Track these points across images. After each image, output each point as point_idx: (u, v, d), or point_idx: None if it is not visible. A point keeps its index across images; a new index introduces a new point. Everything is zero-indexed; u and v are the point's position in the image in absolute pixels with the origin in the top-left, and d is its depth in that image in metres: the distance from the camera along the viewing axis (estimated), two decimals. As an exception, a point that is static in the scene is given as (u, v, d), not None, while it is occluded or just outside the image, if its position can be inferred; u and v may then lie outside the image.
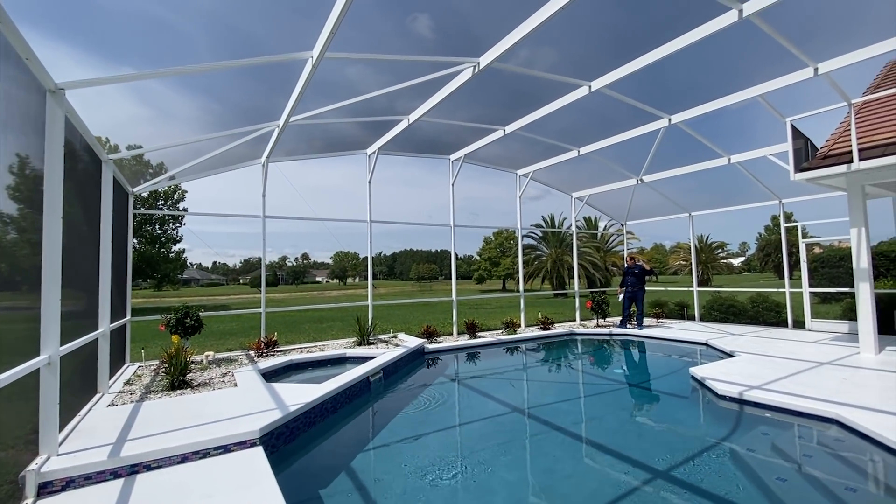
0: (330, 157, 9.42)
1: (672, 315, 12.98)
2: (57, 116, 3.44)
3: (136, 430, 3.91)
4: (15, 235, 3.23)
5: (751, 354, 7.22)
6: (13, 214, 3.19)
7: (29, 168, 3.24)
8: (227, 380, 5.85)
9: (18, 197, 3.21)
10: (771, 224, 74.28)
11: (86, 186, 4.86)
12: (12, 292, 3.26)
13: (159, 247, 33.11)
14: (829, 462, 3.92)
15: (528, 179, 11.54)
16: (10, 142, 2.95)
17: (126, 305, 7.23)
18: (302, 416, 4.60)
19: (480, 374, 7.65)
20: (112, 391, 5.39)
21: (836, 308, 11.60)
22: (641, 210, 13.38)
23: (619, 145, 9.15)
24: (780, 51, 5.73)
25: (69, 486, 3.15)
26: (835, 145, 7.36)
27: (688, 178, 10.77)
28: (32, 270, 3.32)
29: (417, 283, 77.56)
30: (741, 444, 4.29)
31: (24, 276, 3.29)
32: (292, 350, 8.29)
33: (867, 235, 7.12)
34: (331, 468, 4.03)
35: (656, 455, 4.04)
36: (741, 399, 5.14)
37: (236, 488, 3.07)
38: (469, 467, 3.93)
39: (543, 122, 7.99)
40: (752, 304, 11.42)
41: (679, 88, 7.50)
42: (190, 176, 8.46)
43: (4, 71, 2.80)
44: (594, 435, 4.74)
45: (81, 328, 4.54)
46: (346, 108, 6.68)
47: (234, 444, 3.74)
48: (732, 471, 3.73)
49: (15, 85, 2.97)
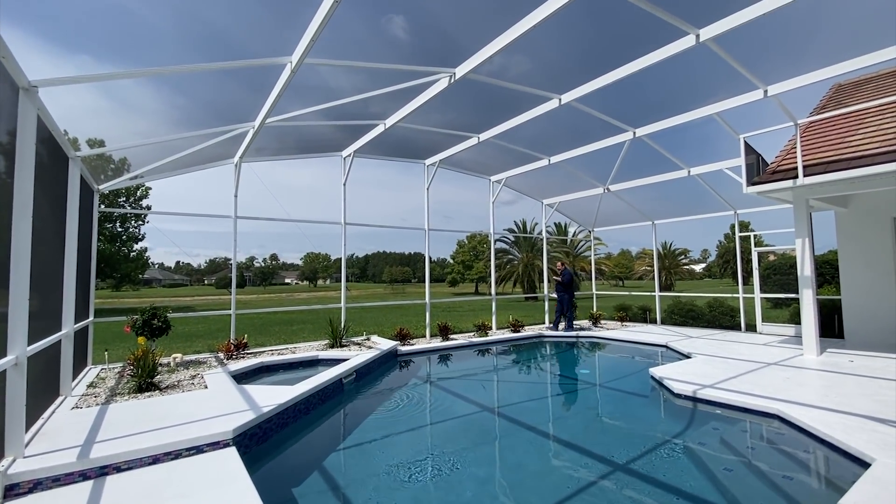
0: (304, 158, 9.41)
1: (636, 318, 13.53)
2: (29, 114, 3.40)
3: (105, 433, 3.87)
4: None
5: (706, 356, 7.68)
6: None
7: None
8: (197, 382, 5.79)
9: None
10: (730, 232, 78.03)
11: (51, 184, 4.74)
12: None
13: (120, 245, 31.75)
14: (770, 453, 4.29)
15: (500, 186, 11.82)
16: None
17: (89, 306, 7.01)
18: (275, 416, 4.63)
19: (452, 376, 7.82)
20: (75, 394, 5.25)
21: (786, 313, 12.41)
22: (609, 217, 13.93)
23: (587, 155, 9.54)
24: (734, 73, 6.17)
25: (37, 487, 3.11)
26: (783, 161, 7.95)
27: (651, 188, 11.33)
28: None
29: (390, 286, 77.13)
30: (693, 438, 4.61)
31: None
32: (263, 353, 8.22)
33: (811, 245, 7.70)
34: (304, 468, 4.09)
35: (617, 450, 4.30)
36: (695, 397, 5.50)
37: (211, 486, 3.11)
38: (440, 465, 4.08)
39: (516, 130, 8.27)
40: (709, 308, 12.07)
41: (643, 104, 7.92)
42: (158, 174, 8.28)
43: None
44: (560, 432, 4.98)
45: (45, 329, 4.43)
46: (323, 110, 6.73)
47: (206, 445, 3.75)
48: (685, 463, 4.02)
49: (-13, 82, 2.93)
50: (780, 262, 16.96)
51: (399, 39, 5.76)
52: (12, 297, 3.27)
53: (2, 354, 3.20)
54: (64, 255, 5.19)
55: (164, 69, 4.41)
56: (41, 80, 3.42)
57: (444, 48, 5.81)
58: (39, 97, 3.59)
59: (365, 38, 5.60)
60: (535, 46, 5.95)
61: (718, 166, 9.32)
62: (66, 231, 5.23)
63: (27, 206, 3.35)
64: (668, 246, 49.07)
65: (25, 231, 3.34)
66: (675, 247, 50.10)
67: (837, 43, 5.82)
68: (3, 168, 3.29)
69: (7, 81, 3.17)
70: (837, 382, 5.80)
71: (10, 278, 3.27)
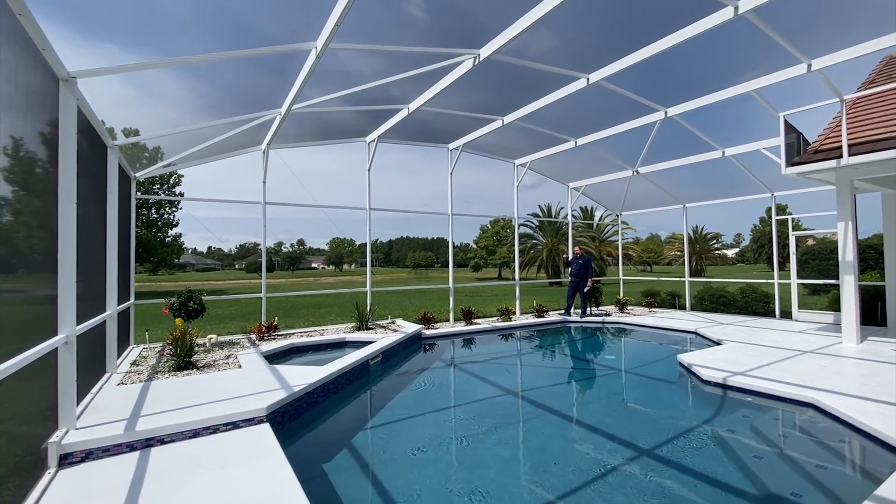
0: (329, 144, 9.50)
1: (664, 304, 13.26)
2: (70, 104, 3.55)
3: (148, 408, 4.10)
4: (10, 218, 3.34)
5: (737, 343, 7.48)
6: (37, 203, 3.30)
7: (23, 150, 3.33)
8: (231, 362, 6.04)
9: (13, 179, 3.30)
10: (766, 216, 74.79)
11: (92, 172, 4.96)
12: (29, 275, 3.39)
13: (156, 231, 33.06)
14: (803, 442, 4.18)
15: (525, 169, 11.66)
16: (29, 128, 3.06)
17: (130, 289, 7.36)
18: (305, 395, 4.80)
19: (476, 360, 7.89)
20: (120, 371, 5.56)
21: (824, 299, 11.91)
22: (637, 201, 13.57)
23: (615, 136, 9.28)
24: (774, 47, 5.85)
25: (88, 457, 3.34)
26: (826, 140, 7.52)
27: (683, 170, 10.95)
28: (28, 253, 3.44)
29: (414, 271, 77.81)
30: (722, 425, 4.54)
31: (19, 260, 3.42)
32: (293, 334, 8.48)
33: (854, 229, 7.32)
34: (333, 445, 4.23)
35: (642, 435, 4.28)
36: (724, 384, 5.38)
37: (247, 460, 3.27)
38: (464, 445, 4.15)
39: (541, 112, 8.09)
40: (741, 294, 11.70)
41: (675, 82, 7.61)
42: (191, 162, 8.53)
43: (23, 62, 2.90)
44: (584, 416, 4.99)
45: (91, 310, 4.69)
46: (346, 96, 6.75)
47: (242, 421, 3.93)
48: (713, 449, 3.97)
49: (32, 74, 3.06)
50: (819, 247, 16.22)
51: (418, 20, 5.67)
52: (61, 279, 3.47)
53: (53, 333, 3.41)
54: (106, 241, 5.45)
55: (191, 58, 4.51)
56: (80, 70, 3.55)
57: (466, 28, 5.70)
58: (78, 88, 3.73)
59: (384, 20, 5.52)
60: (561, 22, 5.73)
61: (755, 146, 8.91)
62: (108, 217, 5.48)
63: (71, 194, 3.52)
64: (699, 230, 47.48)
65: (70, 217, 3.52)
66: (707, 231, 48.40)
67: (889, 12, 5.41)
68: (46, 157, 3.45)
69: (48, 72, 3.30)
70: (877, 371, 5.56)
71: (59, 262, 3.46)
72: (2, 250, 2.83)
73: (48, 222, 3.40)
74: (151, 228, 32.88)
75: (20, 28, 2.83)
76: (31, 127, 3.08)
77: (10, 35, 2.73)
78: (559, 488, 3.33)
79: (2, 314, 3.09)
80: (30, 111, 3.03)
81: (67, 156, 3.51)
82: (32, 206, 3.24)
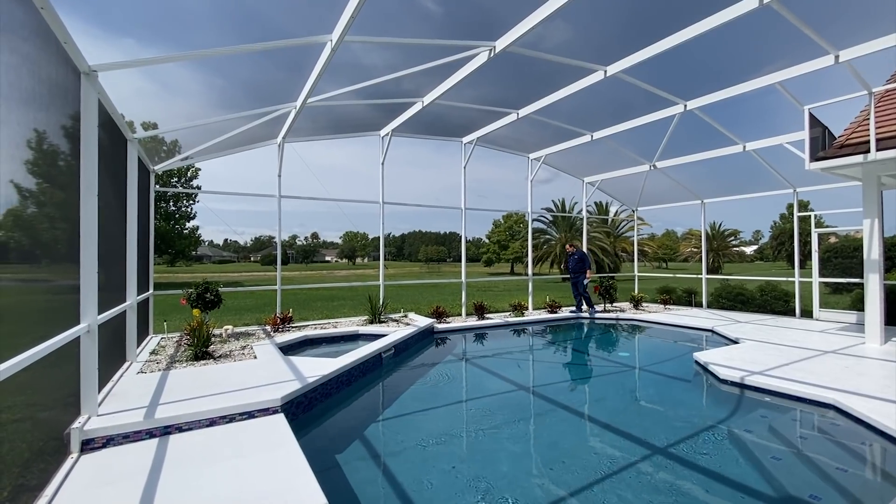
0: (343, 138, 9.53)
1: (680, 301, 13.06)
2: (91, 98, 3.61)
3: (167, 396, 4.19)
4: (35, 209, 3.41)
5: (755, 342, 7.33)
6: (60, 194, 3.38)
7: (46, 143, 3.40)
8: (247, 352, 6.13)
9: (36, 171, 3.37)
10: (786, 212, 72.98)
11: (113, 165, 5.05)
12: (53, 265, 3.48)
13: (174, 223, 33.71)
14: (823, 444, 4.08)
15: (539, 163, 11.55)
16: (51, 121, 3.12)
17: (149, 279, 7.52)
18: (319, 387, 4.85)
19: (488, 354, 7.89)
20: (140, 360, 5.70)
21: (847, 299, 11.60)
22: (654, 196, 13.35)
23: (632, 130, 9.12)
24: (800, 37, 5.67)
25: (109, 443, 3.43)
26: (852, 134, 7.28)
27: (700, 165, 10.72)
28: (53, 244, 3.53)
29: (425, 265, 78.00)
30: (739, 425, 4.46)
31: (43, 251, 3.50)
32: (307, 326, 8.58)
33: (881, 226, 7.09)
34: (346, 436, 4.28)
35: (656, 433, 4.23)
36: (742, 383, 5.29)
37: (262, 449, 3.32)
38: (476, 439, 4.16)
39: (557, 105, 7.99)
40: (760, 292, 11.46)
41: (695, 74, 7.44)
42: (207, 155, 8.65)
43: (45, 55, 2.95)
44: (598, 413, 4.95)
45: (112, 301, 4.80)
46: (361, 89, 6.75)
47: (257, 411, 3.99)
48: (730, 450, 3.91)
49: (54, 68, 3.12)
50: (841, 245, 15.80)
51: (433, 13, 5.62)
52: (83, 270, 3.55)
53: (75, 322, 3.49)
54: (126, 232, 5.56)
55: (208, 52, 4.55)
56: (101, 64, 3.60)
57: (480, 20, 5.63)
58: (99, 81, 3.79)
59: (399, 12, 5.49)
60: (578, 13, 5.62)
61: (777, 140, 8.66)
62: (128, 209, 5.59)
63: (92, 186, 3.59)
64: (716, 226, 46.61)
65: (92, 209, 3.59)
66: (725, 227, 47.46)
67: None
68: (68, 150, 3.52)
69: (70, 66, 3.36)
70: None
71: (80, 253, 3.54)
72: (27, 240, 2.91)
73: (71, 213, 3.48)
74: (170, 221, 33.54)
75: (42, 21, 2.88)
76: (54, 120, 3.15)
77: (33, 28, 2.79)
78: (571, 485, 3.31)
79: (28, 303, 3.18)
80: (52, 104, 3.09)
81: (89, 149, 3.58)
82: (55, 197, 3.32)
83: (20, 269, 2.97)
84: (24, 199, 2.82)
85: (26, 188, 2.84)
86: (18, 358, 2.40)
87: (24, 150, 2.73)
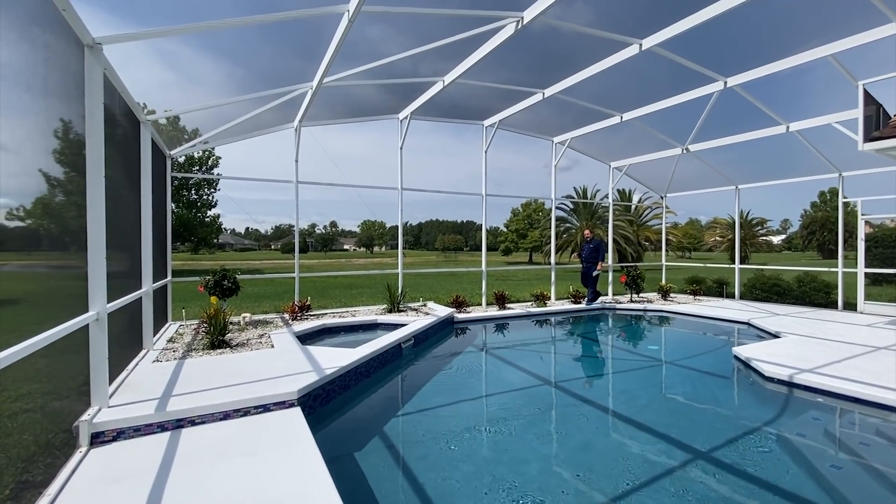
0: (360, 121, 9.25)
1: (710, 292, 12.51)
2: (95, 72, 3.40)
3: (181, 387, 4.04)
4: (62, 198, 3.26)
5: (798, 336, 6.85)
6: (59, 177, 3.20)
7: (72, 132, 3.22)
8: (265, 341, 5.99)
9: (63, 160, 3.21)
10: (818, 200, 70.01)
11: (125, 148, 4.89)
12: (61, 252, 3.32)
13: (195, 211, 34.17)
14: (890, 452, 3.68)
15: (564, 148, 11.07)
16: (50, 103, 2.92)
17: (167, 266, 7.44)
18: (338, 378, 4.66)
19: (510, 346, 7.60)
20: (156, 348, 5.60)
21: (890, 290, 10.88)
22: (682, 182, 12.74)
23: (664, 111, 8.58)
24: (857, 4, 5.12)
25: (120, 436, 3.28)
26: (914, 112, 6.64)
27: (733, 149, 10.10)
28: (79, 231, 3.36)
29: (443, 254, 77.85)
30: (790, 428, 4.09)
31: (71, 238, 3.34)
32: (325, 314, 8.43)
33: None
34: (364, 431, 4.08)
35: (698, 436, 3.90)
36: (790, 382, 4.88)
37: (277, 446, 3.12)
38: (501, 438, 3.90)
39: (583, 85, 7.53)
40: (798, 283, 10.84)
41: (737, 48, 6.90)
42: (225, 139, 8.50)
43: (45, 23, 2.73)
44: (631, 412, 4.61)
45: (126, 287, 4.67)
46: (378, 69, 6.47)
47: (273, 404, 3.81)
48: (781, 456, 3.56)
49: (54, 39, 2.90)
50: (883, 234, 14.89)
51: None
52: (91, 255, 3.38)
53: (84, 310, 3.33)
54: (140, 218, 5.42)
55: (218, 23, 4.29)
56: (104, 36, 3.38)
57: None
58: (105, 56, 3.58)
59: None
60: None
61: (826, 120, 8.01)
62: (142, 194, 5.44)
63: (99, 167, 3.40)
64: (744, 215, 44.94)
65: (99, 192, 3.41)
66: (752, 216, 45.73)
67: None
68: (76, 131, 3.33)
69: (71, 38, 3.14)
70: (973, 373, 4.91)
71: (88, 238, 3.37)
72: (56, 227, 2.76)
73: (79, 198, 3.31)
74: (191, 209, 34.02)
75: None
76: (57, 98, 2.94)
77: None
78: (607, 492, 3.02)
79: (52, 288, 3.05)
80: (50, 76, 2.88)
81: (94, 127, 3.38)
82: (72, 183, 3.14)
83: (33, 255, 2.84)
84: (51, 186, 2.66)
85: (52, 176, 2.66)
86: (18, 347, 2.22)
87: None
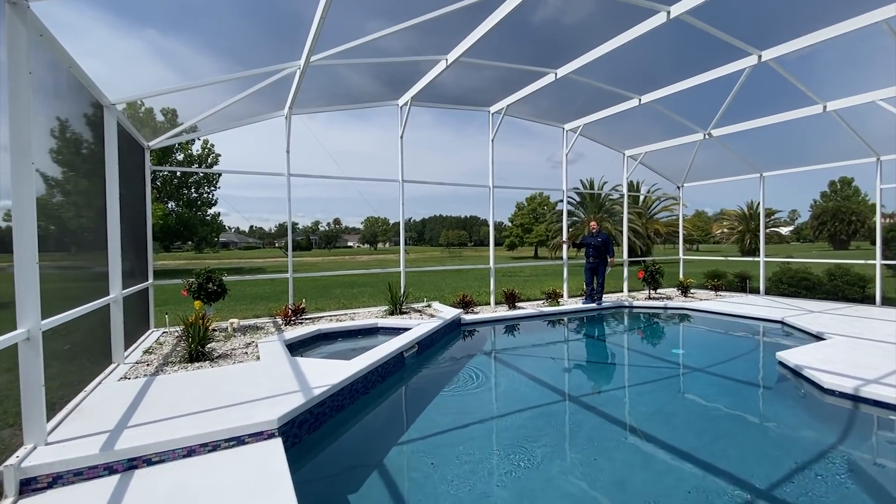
0: (357, 108, 8.59)
1: (731, 287, 11.80)
2: (19, 33, 2.75)
3: (143, 413, 3.42)
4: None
5: (846, 337, 6.14)
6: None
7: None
8: (251, 351, 5.37)
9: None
10: (828, 190, 68.71)
11: (80, 133, 4.25)
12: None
13: (196, 210, 33.65)
14: None
15: (575, 135, 10.35)
16: None
17: (147, 268, 6.82)
18: (328, 399, 4.02)
19: (525, 353, 6.93)
20: (129, 361, 4.99)
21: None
22: (699, 171, 11.98)
23: (684, 92, 7.84)
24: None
25: (56, 482, 2.67)
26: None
27: (754, 134, 9.33)
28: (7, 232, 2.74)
29: (447, 249, 77.19)
30: (865, 455, 3.42)
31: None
32: (321, 318, 7.80)
33: None
34: (361, 465, 3.45)
35: (753, 466, 3.23)
36: (856, 396, 4.19)
37: (246, 497, 2.49)
38: (524, 473, 3.24)
39: (600, 63, 6.79)
40: (829, 277, 10.10)
41: (773, 16, 6.17)
42: (211, 129, 7.88)
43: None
44: (671, 437, 3.90)
45: (82, 296, 4.04)
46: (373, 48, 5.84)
47: (248, 436, 3.18)
48: (855, 488, 2.89)
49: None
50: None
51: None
52: (17, 259, 2.75)
53: (12, 327, 2.71)
54: (106, 215, 4.79)
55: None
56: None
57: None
58: (39, 19, 2.93)
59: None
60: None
61: (869, 97, 7.24)
62: (107, 188, 4.79)
63: (26, 153, 2.76)
64: (753, 205, 43.91)
65: (28, 182, 2.77)
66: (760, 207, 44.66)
67: None
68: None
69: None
70: None
71: (14, 239, 2.74)
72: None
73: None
74: (191, 207, 33.50)
75: None
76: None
77: None
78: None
79: None
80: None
81: (19, 98, 2.74)
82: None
83: None
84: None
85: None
86: None
87: None
